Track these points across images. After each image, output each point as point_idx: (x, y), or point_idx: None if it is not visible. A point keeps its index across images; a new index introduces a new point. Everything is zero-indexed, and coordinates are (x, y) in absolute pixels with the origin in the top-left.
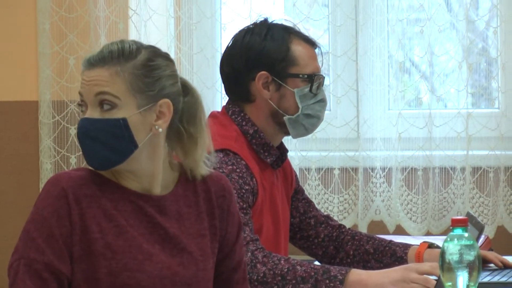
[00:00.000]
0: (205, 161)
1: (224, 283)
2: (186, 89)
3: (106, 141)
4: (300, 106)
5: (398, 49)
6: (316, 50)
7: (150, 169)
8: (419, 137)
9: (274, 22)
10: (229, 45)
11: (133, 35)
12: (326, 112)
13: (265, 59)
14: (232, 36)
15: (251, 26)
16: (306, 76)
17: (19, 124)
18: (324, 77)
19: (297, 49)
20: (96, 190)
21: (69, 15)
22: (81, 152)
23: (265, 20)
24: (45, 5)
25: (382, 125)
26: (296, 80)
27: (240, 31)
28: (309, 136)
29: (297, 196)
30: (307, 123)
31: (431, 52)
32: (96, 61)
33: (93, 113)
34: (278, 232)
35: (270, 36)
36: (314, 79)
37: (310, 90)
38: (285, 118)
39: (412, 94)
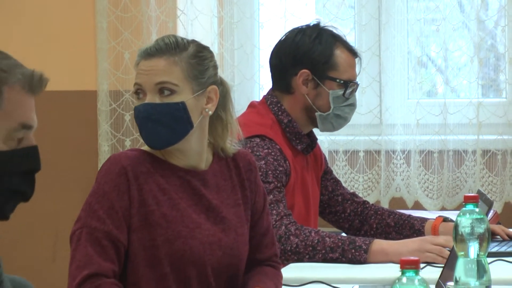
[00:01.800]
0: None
1: (255, 247)
2: (220, 80)
3: (167, 123)
4: (332, 106)
5: (416, 45)
6: (356, 60)
7: (198, 147)
8: (435, 123)
9: (325, 27)
10: (281, 40)
11: (180, 33)
12: (359, 101)
13: (309, 59)
14: (285, 32)
15: (304, 27)
16: (342, 81)
17: (79, 111)
18: (358, 85)
19: (340, 56)
20: (150, 168)
21: (124, 15)
22: (134, 136)
23: (318, 23)
24: (103, 6)
25: (402, 112)
26: (333, 83)
27: (293, 30)
28: None
29: (326, 176)
30: (335, 122)
31: (445, 48)
32: (154, 52)
33: (153, 98)
34: (308, 208)
35: (319, 40)
36: (349, 85)
37: (343, 94)
38: (317, 114)
39: (428, 85)
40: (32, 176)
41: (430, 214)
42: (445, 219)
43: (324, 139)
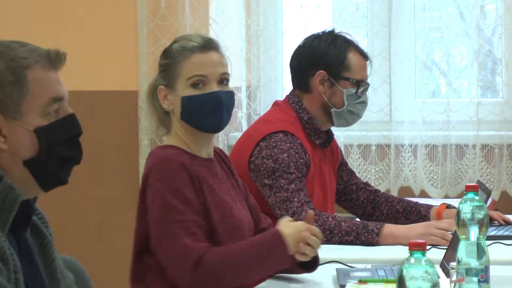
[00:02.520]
0: None
1: (256, 219)
2: None
3: (231, 108)
4: (345, 103)
5: (422, 51)
6: (367, 62)
7: (214, 137)
8: (439, 121)
9: (339, 33)
10: (300, 45)
11: None
12: (371, 100)
13: (325, 61)
14: (304, 38)
15: (320, 33)
16: (355, 81)
17: (121, 109)
18: (369, 84)
19: (353, 58)
20: (190, 160)
21: (162, 23)
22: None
23: (332, 30)
24: (143, 15)
25: (409, 111)
26: (347, 82)
27: (311, 36)
28: None
29: (342, 168)
30: (349, 117)
31: (448, 53)
32: (211, 46)
33: (215, 88)
34: (325, 196)
35: (334, 44)
36: (360, 85)
37: (356, 93)
38: (332, 110)
39: (433, 86)
40: (76, 141)
41: (435, 202)
42: (448, 206)
43: (340, 134)
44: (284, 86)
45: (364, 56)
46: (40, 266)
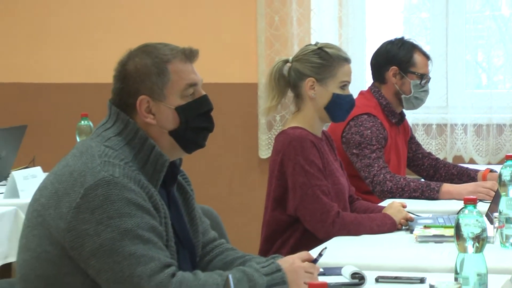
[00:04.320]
0: None
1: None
2: None
3: None
4: (412, 91)
5: (470, 53)
6: (429, 61)
7: None
8: (483, 106)
9: (407, 39)
10: (378, 48)
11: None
12: (432, 89)
13: (396, 59)
14: (381, 44)
15: (392, 39)
16: (419, 74)
17: (244, 96)
18: (430, 78)
19: (418, 58)
20: (314, 139)
21: (275, 32)
22: (281, 113)
23: (402, 37)
24: (262, 26)
25: (461, 98)
26: (413, 75)
27: (386, 41)
28: None
29: (411, 141)
30: (415, 102)
31: (489, 55)
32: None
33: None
34: (399, 163)
35: (403, 47)
36: (423, 77)
37: (420, 83)
38: (402, 96)
39: (478, 80)
40: (208, 115)
41: (481, 167)
42: (491, 170)
43: (409, 116)
44: (365, 80)
45: (426, 56)
46: (183, 214)
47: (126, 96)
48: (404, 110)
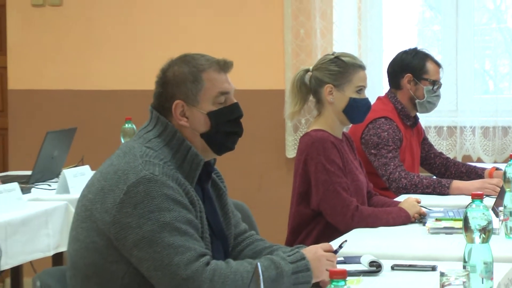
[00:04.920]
0: None
1: None
2: None
3: None
4: (425, 96)
5: (478, 62)
6: (440, 69)
7: None
8: (490, 110)
9: (420, 49)
10: (394, 57)
11: None
12: (443, 95)
13: (411, 67)
14: (397, 53)
15: (407, 49)
16: (431, 80)
17: (273, 101)
18: (441, 84)
19: (430, 65)
20: (334, 140)
21: (301, 43)
22: (306, 117)
23: (415, 47)
24: (288, 38)
25: (469, 103)
26: (426, 82)
27: (401, 51)
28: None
29: (424, 141)
30: (428, 106)
31: (495, 64)
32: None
33: None
34: (413, 161)
35: (416, 56)
36: (435, 83)
37: (432, 89)
38: (416, 101)
39: (485, 86)
40: (238, 121)
41: (488, 165)
42: (497, 168)
43: (422, 119)
44: (383, 86)
45: (437, 64)
46: (217, 208)
47: (164, 100)
48: (417, 114)
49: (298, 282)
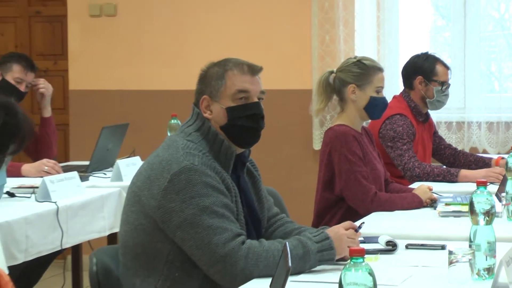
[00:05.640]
0: None
1: None
2: None
3: None
4: (435, 95)
5: (484, 64)
6: (449, 71)
7: None
8: (495, 107)
9: (431, 53)
10: (407, 61)
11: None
12: (452, 94)
13: (422, 70)
14: (410, 57)
15: (419, 54)
16: (440, 81)
17: (301, 100)
18: (450, 84)
19: (439, 68)
20: (355, 133)
21: (326, 49)
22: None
23: (426, 52)
24: (315, 44)
25: (476, 101)
26: (436, 83)
27: (413, 55)
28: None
29: (435, 135)
30: (437, 104)
31: (500, 66)
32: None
33: None
34: (425, 153)
35: (427, 60)
36: (444, 84)
37: (441, 89)
38: (427, 100)
39: (490, 86)
40: (255, 118)
41: (493, 156)
42: (503, 158)
43: (434, 115)
44: (398, 86)
45: (446, 66)
46: (252, 194)
47: (197, 95)
48: (429, 111)
49: (323, 259)
